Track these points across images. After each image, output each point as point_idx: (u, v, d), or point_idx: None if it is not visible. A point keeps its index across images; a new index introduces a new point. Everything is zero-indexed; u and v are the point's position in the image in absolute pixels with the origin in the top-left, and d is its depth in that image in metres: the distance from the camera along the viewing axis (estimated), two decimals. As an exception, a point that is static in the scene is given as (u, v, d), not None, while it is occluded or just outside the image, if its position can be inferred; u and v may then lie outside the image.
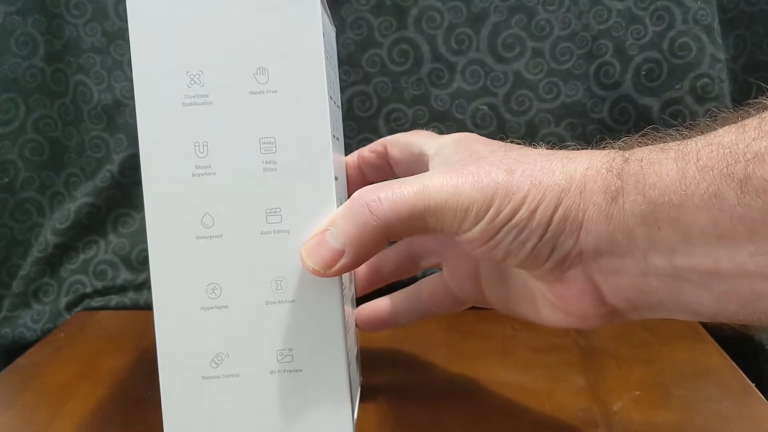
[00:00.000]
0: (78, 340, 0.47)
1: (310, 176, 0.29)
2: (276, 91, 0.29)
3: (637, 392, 0.38)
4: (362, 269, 0.38)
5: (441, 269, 0.36)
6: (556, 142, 0.50)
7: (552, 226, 0.25)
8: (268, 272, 0.30)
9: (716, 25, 0.47)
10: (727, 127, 0.23)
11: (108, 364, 0.43)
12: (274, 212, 0.29)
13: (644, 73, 0.48)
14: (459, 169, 0.27)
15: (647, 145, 0.26)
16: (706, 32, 0.46)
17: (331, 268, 0.28)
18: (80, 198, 0.52)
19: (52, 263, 0.52)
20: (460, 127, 0.50)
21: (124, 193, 0.53)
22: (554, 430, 0.35)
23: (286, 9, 0.29)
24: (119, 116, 0.51)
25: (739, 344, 0.46)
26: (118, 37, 0.51)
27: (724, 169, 0.21)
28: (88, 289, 0.52)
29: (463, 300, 0.35)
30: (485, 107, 0.50)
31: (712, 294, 0.23)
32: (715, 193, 0.22)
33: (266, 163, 0.29)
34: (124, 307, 0.52)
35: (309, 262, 0.28)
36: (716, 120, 0.24)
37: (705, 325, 0.45)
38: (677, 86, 0.47)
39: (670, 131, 0.26)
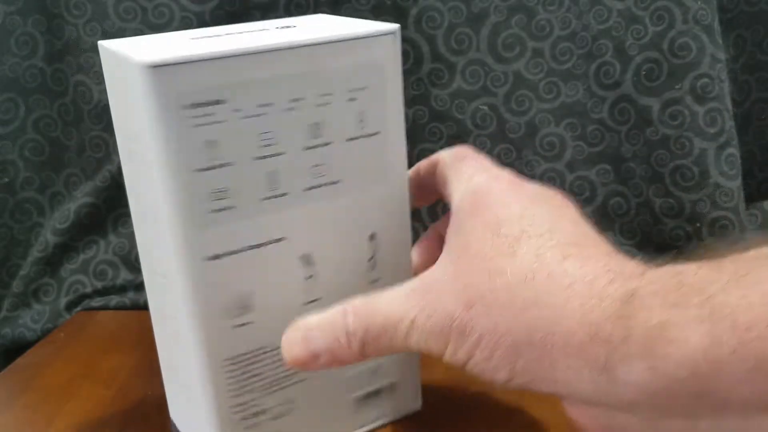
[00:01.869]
0: (78, 340, 0.47)
1: None
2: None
3: (637, 392, 0.38)
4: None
5: None
6: (556, 143, 0.50)
7: (515, 376, 0.23)
8: None
9: (716, 25, 0.46)
10: (764, 265, 0.18)
11: (108, 364, 0.43)
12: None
13: (644, 73, 0.48)
14: (427, 287, 0.26)
15: (652, 282, 0.20)
16: (706, 32, 0.46)
17: (306, 367, 0.28)
18: (80, 198, 0.52)
19: (52, 263, 0.52)
20: (460, 127, 0.50)
21: (124, 193, 0.52)
22: (554, 430, 0.35)
23: None
24: (119, 116, 0.51)
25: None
26: (118, 36, 0.50)
27: None
28: (88, 289, 0.52)
29: None
30: (485, 107, 0.50)
31: None
32: (760, 364, 0.17)
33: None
34: (124, 307, 0.52)
35: (286, 354, 0.28)
36: (745, 244, 0.20)
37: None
38: (677, 86, 0.47)
39: (685, 255, 0.21)
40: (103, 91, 0.51)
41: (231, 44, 0.27)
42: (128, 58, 0.26)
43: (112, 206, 0.53)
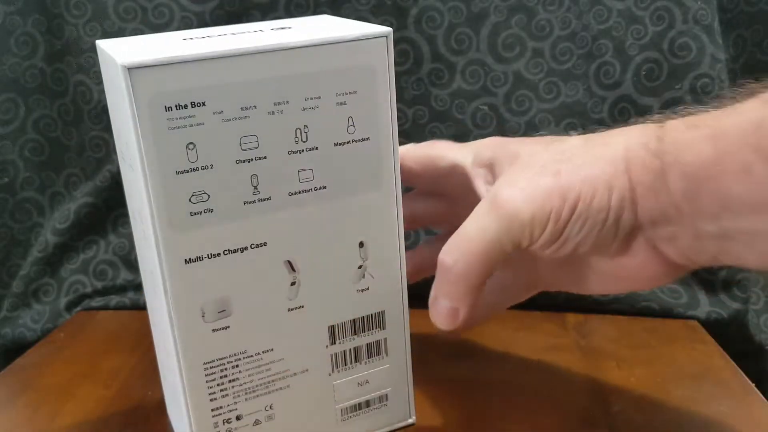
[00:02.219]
0: (78, 340, 0.47)
1: None
2: None
3: (637, 392, 0.38)
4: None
5: None
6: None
7: (611, 211, 0.27)
8: None
9: (716, 25, 0.46)
10: (752, 102, 0.25)
11: (108, 364, 0.43)
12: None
13: (644, 73, 0.47)
14: (509, 187, 0.29)
15: (675, 120, 0.27)
16: (706, 32, 0.46)
17: (455, 323, 0.31)
18: (80, 198, 0.52)
19: (52, 263, 0.52)
20: (460, 127, 0.50)
21: (124, 193, 0.53)
22: (554, 429, 0.35)
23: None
24: (119, 116, 0.51)
25: (740, 345, 0.46)
26: (118, 36, 0.51)
27: (755, 144, 0.23)
28: (88, 289, 0.52)
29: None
30: (485, 107, 0.50)
31: (754, 252, 0.26)
32: (748, 167, 0.24)
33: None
34: (124, 307, 0.52)
35: (439, 327, 0.32)
36: (742, 93, 0.26)
37: (706, 326, 0.45)
38: (677, 86, 0.47)
39: (700, 108, 0.27)
40: (103, 91, 0.51)
41: (214, 46, 0.27)
42: (113, 58, 0.26)
43: (112, 206, 0.53)
